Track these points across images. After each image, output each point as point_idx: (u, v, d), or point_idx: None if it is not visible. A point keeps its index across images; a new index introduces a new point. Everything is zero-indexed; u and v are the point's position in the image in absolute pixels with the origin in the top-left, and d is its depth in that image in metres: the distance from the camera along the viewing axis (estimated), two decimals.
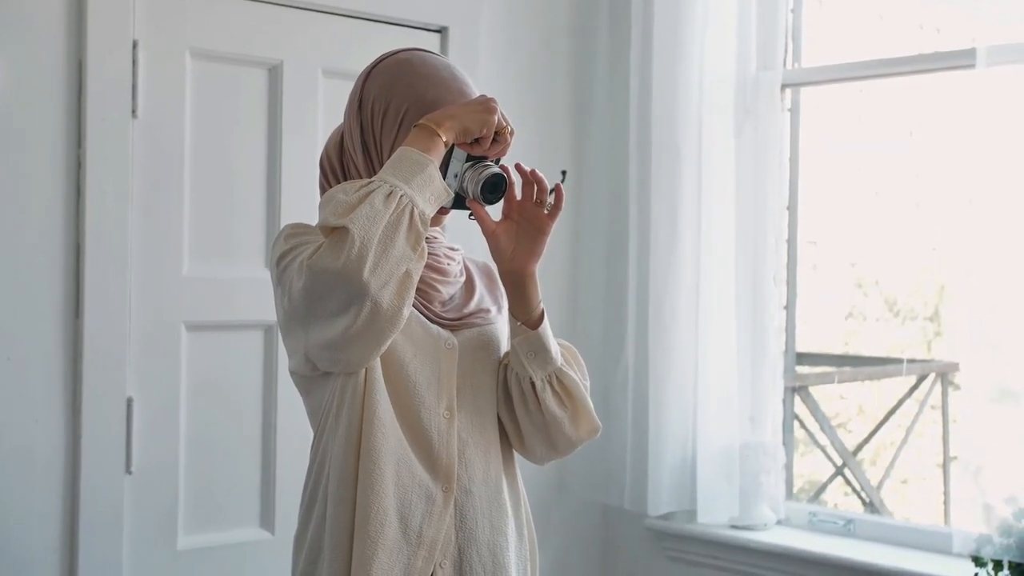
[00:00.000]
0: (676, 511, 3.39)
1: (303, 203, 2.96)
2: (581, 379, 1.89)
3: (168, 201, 2.82)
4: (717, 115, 3.30)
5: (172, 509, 2.83)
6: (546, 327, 1.83)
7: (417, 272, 1.63)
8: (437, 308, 1.83)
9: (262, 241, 2.97)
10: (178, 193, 2.84)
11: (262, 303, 2.75)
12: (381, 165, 1.78)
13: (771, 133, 3.33)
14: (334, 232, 1.59)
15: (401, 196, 1.61)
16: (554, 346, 1.84)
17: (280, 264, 1.72)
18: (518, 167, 1.78)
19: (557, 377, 1.84)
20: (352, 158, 1.83)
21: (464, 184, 1.74)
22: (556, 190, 1.78)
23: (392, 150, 1.76)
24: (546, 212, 1.78)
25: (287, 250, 1.71)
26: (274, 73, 2.99)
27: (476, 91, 1.81)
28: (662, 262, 3.32)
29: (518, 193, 1.80)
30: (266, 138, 2.98)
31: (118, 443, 2.73)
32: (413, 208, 1.62)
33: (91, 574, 2.69)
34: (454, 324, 1.84)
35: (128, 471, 2.75)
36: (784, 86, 3.39)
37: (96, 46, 2.68)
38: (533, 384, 1.82)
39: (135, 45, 2.75)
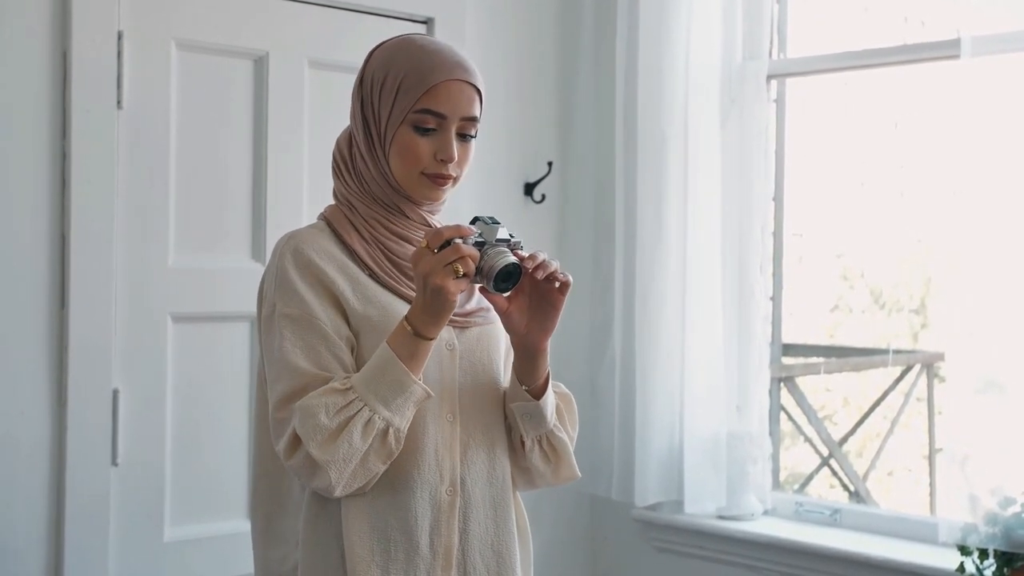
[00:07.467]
0: (663, 501, 3.40)
1: (289, 194, 2.96)
2: (571, 433, 1.90)
3: (154, 192, 2.81)
4: (703, 105, 3.30)
5: (158, 500, 2.83)
6: (548, 396, 1.81)
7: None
8: None
9: (248, 232, 2.97)
10: (163, 184, 2.83)
11: (248, 294, 2.71)
12: (382, 142, 1.75)
13: (757, 123, 3.33)
14: (313, 461, 1.62)
15: (379, 423, 1.64)
16: (550, 411, 1.82)
17: (266, 343, 1.74)
18: (529, 258, 1.72)
19: (547, 438, 1.85)
20: (356, 145, 1.80)
21: (480, 264, 1.68)
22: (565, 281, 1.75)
23: (390, 120, 1.73)
24: (557, 287, 1.75)
25: (274, 324, 1.72)
26: (260, 64, 2.98)
27: (473, 68, 1.77)
28: (648, 252, 3.32)
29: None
30: (252, 129, 2.97)
31: (104, 435, 2.73)
32: (389, 428, 1.65)
33: (77, 566, 2.68)
34: (455, 323, 1.80)
35: (114, 462, 2.75)
36: (770, 76, 3.39)
37: (81, 37, 2.67)
38: (523, 441, 1.83)
39: (120, 36, 2.74)
